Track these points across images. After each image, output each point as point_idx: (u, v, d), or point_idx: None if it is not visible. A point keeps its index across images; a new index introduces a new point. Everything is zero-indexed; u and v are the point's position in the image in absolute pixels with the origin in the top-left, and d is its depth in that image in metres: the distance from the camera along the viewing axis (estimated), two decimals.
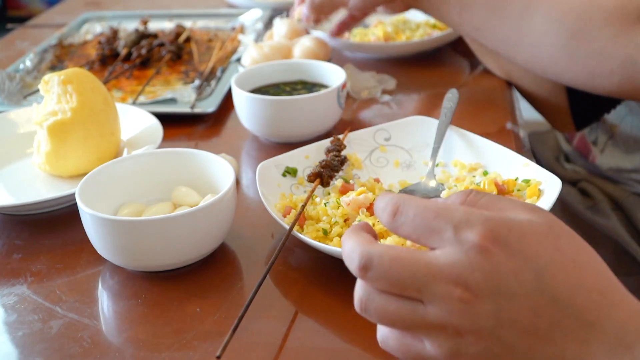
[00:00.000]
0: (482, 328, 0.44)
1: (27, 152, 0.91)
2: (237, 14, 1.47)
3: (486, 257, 0.43)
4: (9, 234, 0.77)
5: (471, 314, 0.43)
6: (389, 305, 0.45)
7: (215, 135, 0.99)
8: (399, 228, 0.46)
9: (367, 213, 0.68)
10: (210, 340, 0.59)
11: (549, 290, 0.44)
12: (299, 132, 0.92)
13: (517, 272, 0.43)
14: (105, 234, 0.65)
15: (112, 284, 0.68)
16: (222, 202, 0.66)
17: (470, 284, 0.43)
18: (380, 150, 0.83)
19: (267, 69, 0.99)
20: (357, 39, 1.23)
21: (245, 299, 0.61)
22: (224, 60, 1.21)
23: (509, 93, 1.06)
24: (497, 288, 0.43)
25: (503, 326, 0.44)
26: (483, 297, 0.43)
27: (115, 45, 1.26)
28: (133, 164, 0.75)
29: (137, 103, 1.04)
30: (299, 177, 0.78)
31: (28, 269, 0.70)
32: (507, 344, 0.44)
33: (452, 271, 0.43)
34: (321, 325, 0.61)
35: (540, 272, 0.44)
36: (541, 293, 0.44)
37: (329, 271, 0.67)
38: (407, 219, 0.46)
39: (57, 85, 0.82)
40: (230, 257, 0.71)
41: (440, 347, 0.45)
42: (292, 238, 0.69)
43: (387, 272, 0.45)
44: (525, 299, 0.43)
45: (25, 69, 1.19)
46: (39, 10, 3.69)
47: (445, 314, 0.44)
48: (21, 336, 0.62)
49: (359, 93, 1.07)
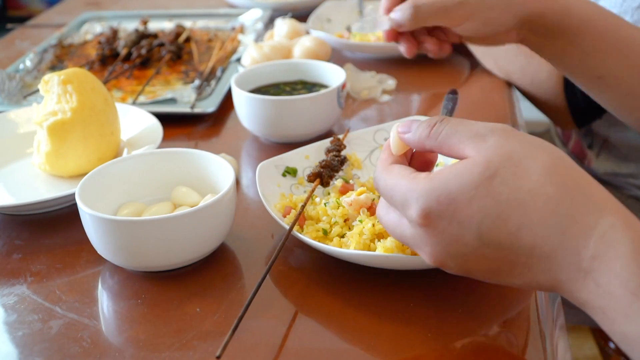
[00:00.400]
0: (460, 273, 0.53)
1: (27, 152, 0.91)
2: (237, 14, 1.47)
3: (427, 231, 0.50)
4: (9, 234, 0.77)
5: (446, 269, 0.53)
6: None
7: (215, 135, 0.99)
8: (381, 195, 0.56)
9: (367, 213, 0.68)
10: (210, 340, 0.59)
11: (492, 240, 0.48)
12: (299, 132, 0.92)
13: (458, 236, 0.49)
14: (105, 234, 0.64)
15: (112, 284, 0.68)
16: (222, 202, 0.66)
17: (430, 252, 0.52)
18: (380, 150, 0.83)
19: (267, 69, 0.99)
20: (357, 39, 1.23)
21: (245, 299, 0.61)
22: (224, 60, 1.21)
23: (508, 93, 1.06)
24: (450, 251, 0.50)
25: (472, 272, 0.52)
26: (444, 259, 0.51)
27: (115, 45, 1.26)
28: (133, 164, 0.75)
29: (137, 103, 1.04)
30: (299, 177, 0.78)
31: (28, 269, 0.70)
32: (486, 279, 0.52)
33: (415, 242, 0.53)
34: (321, 325, 0.61)
35: (478, 229, 0.48)
36: (486, 245, 0.48)
37: (329, 271, 0.67)
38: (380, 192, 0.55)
39: (57, 85, 0.82)
40: (230, 257, 0.71)
41: None
42: (292, 238, 0.69)
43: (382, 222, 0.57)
44: (476, 255, 0.49)
45: (25, 69, 1.19)
46: (39, 10, 3.69)
47: None
48: (21, 336, 0.62)
49: (359, 93, 1.07)
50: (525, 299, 0.62)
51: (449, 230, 0.49)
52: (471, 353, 0.57)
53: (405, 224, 0.53)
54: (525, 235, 0.47)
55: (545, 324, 0.60)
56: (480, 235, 0.48)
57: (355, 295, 0.64)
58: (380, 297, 0.63)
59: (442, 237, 0.50)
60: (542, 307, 0.62)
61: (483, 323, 0.59)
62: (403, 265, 0.63)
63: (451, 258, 0.51)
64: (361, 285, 0.65)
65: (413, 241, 0.53)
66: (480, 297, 0.62)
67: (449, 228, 0.49)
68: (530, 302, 0.62)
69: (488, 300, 0.62)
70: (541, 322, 0.60)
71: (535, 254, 0.47)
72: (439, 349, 0.57)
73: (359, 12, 1.39)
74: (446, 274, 0.57)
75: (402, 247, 0.63)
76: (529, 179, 0.47)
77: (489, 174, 0.47)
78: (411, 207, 0.50)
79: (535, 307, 0.61)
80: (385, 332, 0.59)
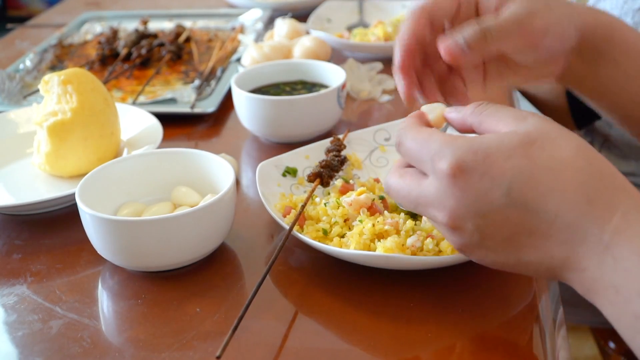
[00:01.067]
0: (471, 243, 0.51)
1: (27, 152, 0.91)
2: (237, 14, 1.47)
3: (456, 184, 0.49)
4: (9, 234, 0.77)
5: (458, 234, 0.51)
6: None
7: (215, 135, 0.99)
8: (402, 156, 0.55)
9: (367, 213, 0.68)
10: (210, 340, 0.59)
11: (520, 200, 0.48)
12: (299, 132, 0.92)
13: (487, 191, 0.49)
14: (105, 234, 0.64)
15: (112, 284, 0.68)
16: (222, 202, 0.66)
17: (450, 209, 0.50)
18: (380, 150, 0.83)
19: (267, 69, 0.99)
20: (357, 39, 1.23)
21: (245, 299, 0.61)
22: (224, 60, 1.21)
23: (509, 93, 1.06)
24: (473, 209, 0.49)
25: (487, 239, 0.50)
26: (463, 219, 0.50)
27: (115, 45, 1.26)
28: (133, 164, 0.75)
29: (137, 103, 1.04)
30: (299, 177, 0.78)
31: (28, 269, 0.70)
32: (497, 253, 0.51)
33: (435, 199, 0.51)
34: (321, 325, 0.61)
35: (509, 186, 0.48)
36: (513, 205, 0.48)
37: (329, 271, 0.67)
38: (404, 149, 0.54)
39: (57, 85, 0.82)
40: (230, 257, 0.71)
41: None
42: (292, 238, 0.69)
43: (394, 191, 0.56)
44: (499, 214, 0.49)
45: (25, 69, 1.19)
46: (39, 10, 3.69)
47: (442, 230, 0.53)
48: (21, 336, 0.62)
49: (358, 93, 1.07)
50: (525, 299, 0.62)
51: (479, 184, 0.49)
52: (471, 353, 0.57)
53: (425, 183, 0.52)
54: (552, 199, 0.47)
55: (546, 324, 0.60)
56: (509, 192, 0.48)
57: (355, 295, 0.64)
58: (380, 297, 0.63)
59: (469, 192, 0.49)
60: (542, 306, 0.62)
61: (483, 323, 0.59)
62: (403, 265, 0.63)
63: (471, 217, 0.50)
64: (361, 285, 0.65)
65: (433, 198, 0.51)
66: (481, 297, 0.62)
67: (479, 182, 0.49)
68: (530, 302, 0.62)
69: (488, 300, 0.62)
70: (541, 322, 0.60)
71: (557, 222, 0.48)
72: (439, 349, 0.57)
73: (359, 12, 1.39)
74: (446, 274, 0.57)
75: (402, 247, 0.63)
76: (563, 151, 0.49)
77: (528, 141, 0.49)
78: (444, 158, 0.50)
79: (536, 307, 0.61)
80: (385, 332, 0.59)
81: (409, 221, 0.66)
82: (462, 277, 0.64)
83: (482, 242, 0.51)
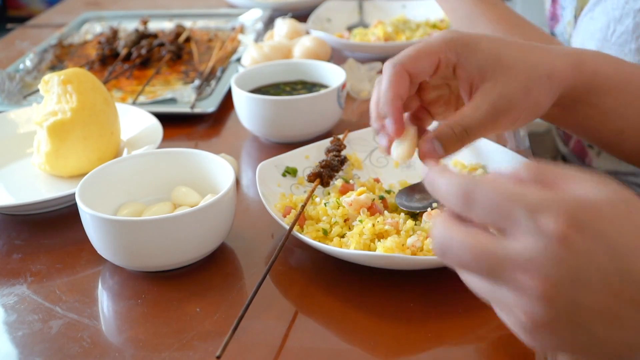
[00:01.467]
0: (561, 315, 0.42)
1: (27, 152, 0.91)
2: (237, 14, 1.47)
3: (568, 248, 0.41)
4: (9, 234, 0.77)
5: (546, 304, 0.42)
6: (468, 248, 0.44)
7: (215, 135, 0.99)
8: (472, 215, 0.44)
9: (367, 213, 0.68)
10: (210, 340, 0.59)
11: (627, 270, 0.42)
12: (299, 132, 0.92)
13: (598, 258, 0.42)
14: (105, 234, 0.65)
15: (112, 284, 0.68)
16: (222, 202, 0.66)
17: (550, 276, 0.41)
18: (380, 150, 0.83)
19: (267, 69, 0.99)
20: (357, 39, 1.23)
21: (245, 299, 0.61)
22: (224, 60, 1.21)
23: None
24: (576, 277, 0.42)
25: (581, 312, 0.42)
26: (562, 287, 0.42)
27: (115, 45, 1.26)
28: (133, 164, 0.75)
29: (137, 103, 1.04)
30: (299, 177, 0.78)
31: (28, 269, 0.70)
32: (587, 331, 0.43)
33: (531, 264, 0.41)
34: (321, 325, 0.61)
35: (618, 253, 0.42)
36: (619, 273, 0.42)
37: (329, 271, 0.67)
38: (480, 205, 0.43)
39: (57, 85, 0.82)
40: (230, 257, 0.71)
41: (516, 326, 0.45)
42: (292, 238, 0.69)
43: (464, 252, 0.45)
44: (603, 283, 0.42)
45: (25, 69, 1.19)
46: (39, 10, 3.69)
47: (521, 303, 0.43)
48: (21, 336, 0.62)
49: (359, 93, 1.07)
50: None
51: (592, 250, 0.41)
52: (471, 353, 0.57)
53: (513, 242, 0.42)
54: None
55: None
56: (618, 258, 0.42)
57: (355, 295, 0.64)
58: (380, 297, 0.63)
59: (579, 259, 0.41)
60: None
61: (483, 323, 0.59)
62: (403, 265, 0.63)
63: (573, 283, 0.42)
64: (361, 285, 0.65)
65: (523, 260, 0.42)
66: None
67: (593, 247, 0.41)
68: None
69: None
70: None
71: None
72: (439, 349, 0.57)
73: (359, 12, 1.39)
74: (446, 274, 0.57)
75: (402, 247, 0.63)
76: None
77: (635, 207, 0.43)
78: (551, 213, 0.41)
79: None
80: (385, 332, 0.59)
81: (409, 221, 0.66)
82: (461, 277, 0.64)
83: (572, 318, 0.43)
